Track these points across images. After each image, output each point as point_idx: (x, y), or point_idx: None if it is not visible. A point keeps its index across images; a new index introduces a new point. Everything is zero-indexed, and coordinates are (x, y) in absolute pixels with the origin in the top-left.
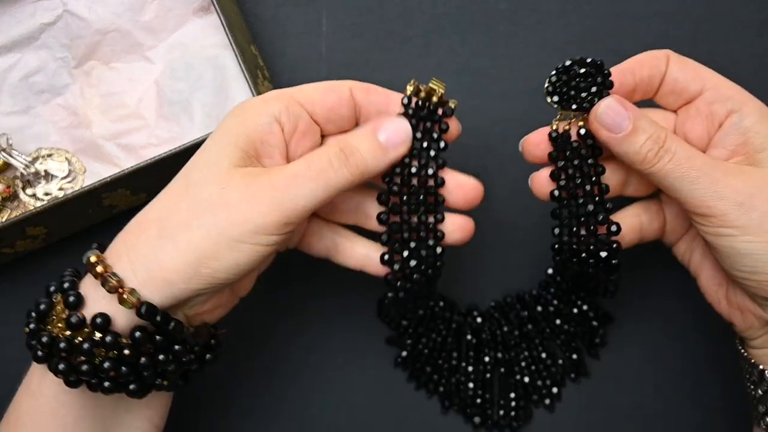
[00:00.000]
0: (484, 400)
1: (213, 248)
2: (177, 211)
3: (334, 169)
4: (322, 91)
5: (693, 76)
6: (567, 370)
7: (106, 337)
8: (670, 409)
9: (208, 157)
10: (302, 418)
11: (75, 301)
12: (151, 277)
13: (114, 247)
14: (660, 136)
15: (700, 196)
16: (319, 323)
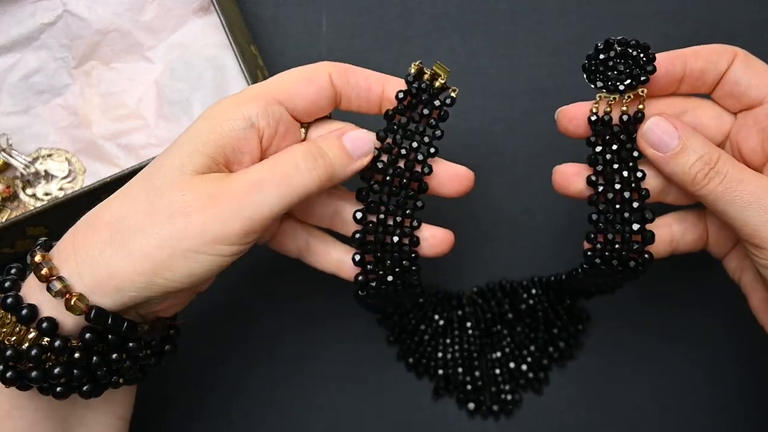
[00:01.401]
0: (475, 385)
1: (168, 259)
2: (133, 215)
3: (301, 173)
4: (302, 83)
5: (757, 82)
6: (552, 355)
7: (55, 341)
8: (658, 389)
9: (172, 162)
10: (291, 407)
11: (13, 303)
12: (100, 283)
13: (62, 246)
14: (712, 157)
15: (753, 224)
16: (309, 315)
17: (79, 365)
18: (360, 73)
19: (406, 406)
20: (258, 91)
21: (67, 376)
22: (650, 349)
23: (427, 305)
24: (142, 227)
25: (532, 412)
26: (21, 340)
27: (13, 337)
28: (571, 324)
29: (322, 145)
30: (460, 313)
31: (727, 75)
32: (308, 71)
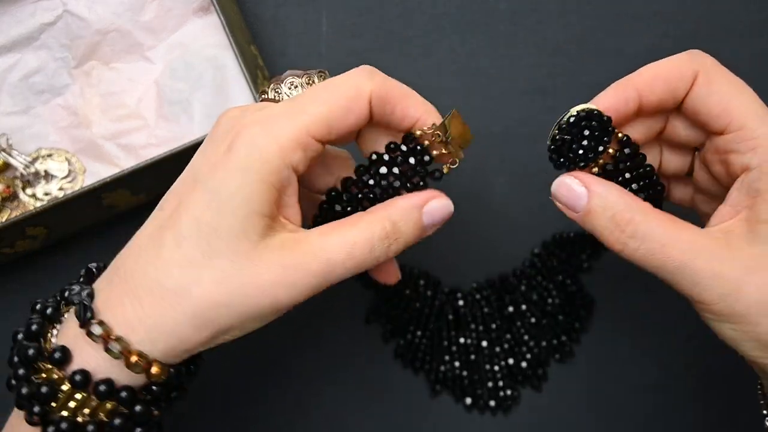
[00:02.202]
0: (472, 380)
1: (238, 325)
2: (200, 284)
3: (374, 257)
4: (341, 114)
5: (717, 114)
6: (551, 351)
7: (135, 407)
8: (657, 386)
9: (233, 227)
10: (288, 405)
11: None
12: (174, 348)
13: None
14: (624, 218)
15: (682, 286)
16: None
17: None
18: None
19: (404, 403)
20: (296, 132)
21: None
22: (650, 347)
23: (424, 302)
24: (213, 299)
25: (530, 409)
26: (95, 412)
27: (86, 409)
28: (577, 307)
29: (399, 224)
30: (461, 309)
31: (686, 100)
32: (351, 99)
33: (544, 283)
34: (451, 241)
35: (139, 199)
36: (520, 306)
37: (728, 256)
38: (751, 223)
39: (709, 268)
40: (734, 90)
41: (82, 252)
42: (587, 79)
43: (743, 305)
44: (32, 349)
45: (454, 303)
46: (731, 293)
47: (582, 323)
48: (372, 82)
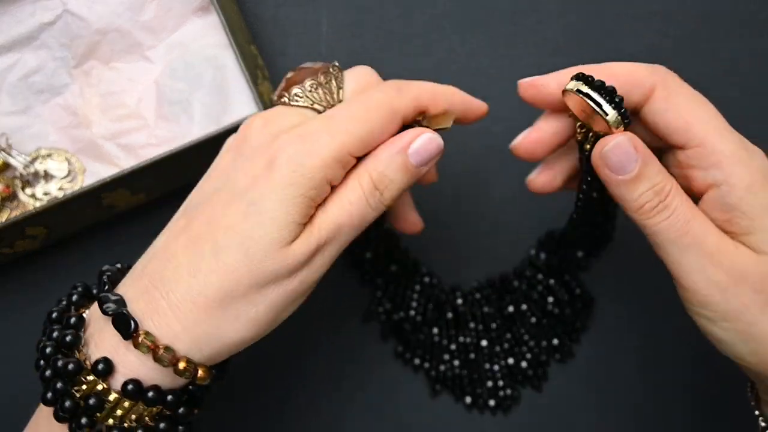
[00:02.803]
0: (471, 380)
1: (274, 317)
2: (238, 288)
3: (372, 208)
4: (378, 134)
5: (676, 128)
6: (551, 351)
7: (179, 409)
8: (658, 386)
9: (270, 235)
10: (288, 405)
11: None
12: (219, 353)
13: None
14: (664, 188)
15: (687, 269)
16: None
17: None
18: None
19: (404, 402)
20: (337, 150)
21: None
22: (650, 346)
23: (423, 300)
24: (251, 299)
25: (530, 409)
26: (141, 417)
27: (133, 415)
28: (578, 306)
29: (386, 172)
30: (461, 308)
31: (646, 112)
32: (386, 120)
33: (545, 281)
34: (450, 240)
35: (139, 199)
36: (521, 305)
37: (734, 254)
38: (736, 236)
39: (716, 254)
40: (693, 106)
41: (82, 252)
42: None
43: (738, 302)
44: (72, 364)
45: (454, 302)
46: (730, 288)
47: (582, 322)
48: (404, 101)
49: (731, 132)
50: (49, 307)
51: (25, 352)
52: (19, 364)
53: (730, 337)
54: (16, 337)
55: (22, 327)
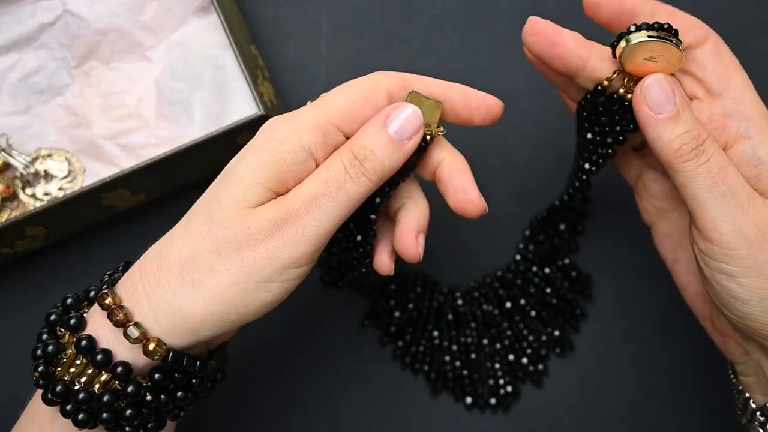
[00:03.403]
0: (472, 379)
1: (241, 294)
2: (200, 253)
3: (352, 179)
4: (360, 103)
5: (720, 74)
6: (551, 345)
7: (128, 387)
8: (658, 376)
9: (233, 195)
10: (288, 406)
11: (87, 346)
12: (175, 326)
13: (129, 287)
14: (701, 134)
15: (718, 217)
16: (299, 319)
17: (149, 406)
18: (418, 86)
19: (404, 403)
20: (315, 115)
21: (137, 418)
22: (650, 340)
23: (421, 304)
24: (211, 266)
25: (530, 406)
26: (91, 382)
27: (83, 377)
28: (575, 289)
29: (365, 143)
30: (461, 309)
31: (696, 52)
32: (367, 90)
33: (539, 273)
34: (447, 241)
35: (139, 199)
36: (519, 300)
37: (762, 208)
38: (763, 191)
39: (747, 205)
40: (737, 66)
41: (82, 252)
42: None
43: (764, 257)
44: (54, 315)
45: (453, 303)
46: (755, 242)
47: (581, 309)
48: (388, 77)
49: (760, 100)
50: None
51: (25, 352)
52: (19, 364)
53: (748, 293)
54: (16, 337)
55: (22, 327)
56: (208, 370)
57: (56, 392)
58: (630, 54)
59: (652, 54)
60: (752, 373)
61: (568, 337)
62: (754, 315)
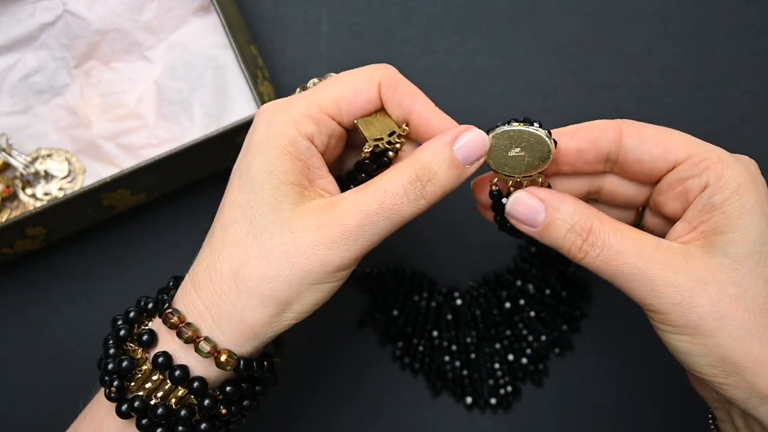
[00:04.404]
0: (472, 379)
1: (295, 296)
2: (249, 261)
3: (410, 201)
4: (351, 94)
5: (660, 152)
6: (551, 345)
7: (204, 401)
8: (657, 376)
9: (266, 200)
10: (289, 407)
11: (165, 362)
12: (240, 334)
13: (189, 304)
14: (584, 227)
15: (637, 294)
16: None
17: (221, 418)
18: (407, 92)
19: (404, 403)
20: (308, 107)
21: (211, 430)
22: (650, 340)
23: (420, 304)
24: (263, 272)
25: (530, 405)
26: (167, 396)
27: (159, 392)
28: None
29: (430, 164)
30: (460, 309)
31: (624, 154)
32: (359, 81)
33: (540, 274)
34: (448, 241)
35: (139, 199)
36: (518, 301)
37: (683, 266)
38: (707, 235)
39: (663, 276)
40: (665, 132)
41: (82, 252)
42: (587, 79)
43: (696, 315)
44: (123, 330)
45: (452, 303)
46: (684, 302)
47: (581, 310)
48: (382, 71)
49: (711, 144)
50: (49, 306)
51: (25, 352)
52: (20, 363)
53: (690, 349)
54: (16, 336)
55: (22, 327)
56: (274, 370)
57: (134, 407)
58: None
59: (513, 144)
60: (726, 419)
61: (567, 337)
62: (699, 367)
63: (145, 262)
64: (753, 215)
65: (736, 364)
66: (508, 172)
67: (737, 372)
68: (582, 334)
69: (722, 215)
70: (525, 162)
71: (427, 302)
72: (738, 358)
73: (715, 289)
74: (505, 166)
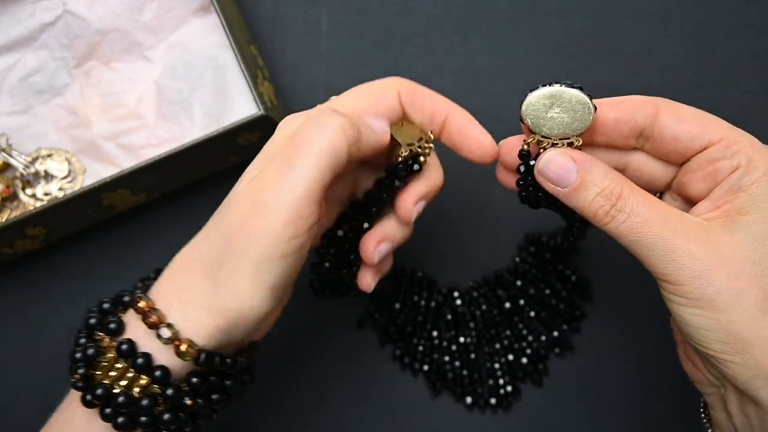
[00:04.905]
0: (472, 379)
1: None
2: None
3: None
4: (371, 101)
5: (695, 131)
6: (551, 345)
7: (167, 390)
8: (657, 376)
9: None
10: (289, 407)
11: (128, 350)
12: (206, 324)
13: (163, 291)
14: (614, 191)
15: (657, 263)
16: (300, 314)
17: (186, 410)
18: (427, 95)
19: (404, 403)
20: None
21: (175, 422)
22: (650, 340)
23: (420, 304)
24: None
25: (530, 405)
26: (131, 385)
27: (123, 381)
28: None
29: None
30: (459, 309)
31: (660, 131)
32: (378, 88)
33: (539, 275)
34: (448, 241)
35: (139, 199)
36: (518, 301)
37: (705, 240)
38: (731, 214)
39: (686, 246)
40: (700, 113)
41: (82, 252)
42: (587, 79)
43: (713, 289)
44: (93, 319)
45: (452, 303)
46: (702, 275)
47: (581, 310)
48: (401, 82)
49: (743, 131)
50: (49, 306)
51: (24, 352)
52: (20, 363)
53: (702, 323)
54: (16, 337)
55: (22, 327)
56: (239, 367)
57: (97, 395)
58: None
59: (554, 104)
60: (719, 407)
61: (567, 337)
62: (708, 342)
63: (145, 262)
64: None
65: (746, 341)
66: (546, 133)
67: (746, 350)
68: (582, 334)
69: (748, 197)
70: (564, 123)
71: (426, 302)
72: (748, 335)
73: (734, 266)
74: (543, 126)
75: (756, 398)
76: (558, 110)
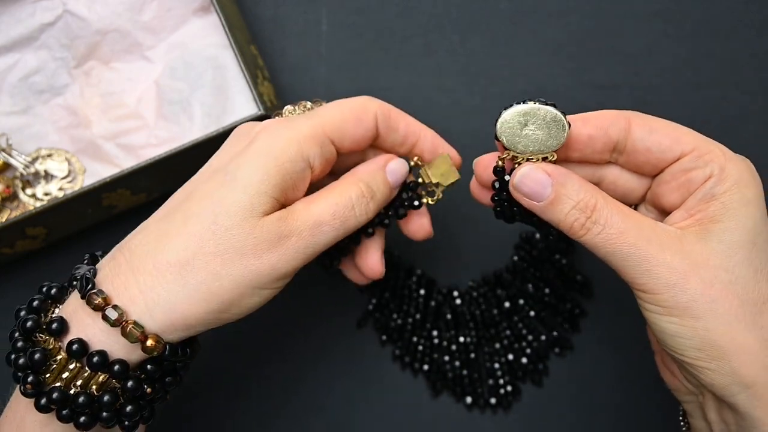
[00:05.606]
0: (472, 379)
1: (238, 298)
2: (202, 256)
3: (356, 215)
4: (353, 122)
5: (668, 143)
6: (551, 344)
7: (128, 382)
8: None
9: (240, 202)
10: (289, 407)
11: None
12: (173, 323)
13: (120, 285)
14: (588, 204)
15: (632, 273)
16: (300, 313)
17: (146, 398)
18: (401, 118)
19: (404, 403)
20: (314, 128)
21: (137, 412)
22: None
23: (419, 303)
24: (214, 270)
25: (530, 405)
26: (87, 384)
27: (78, 381)
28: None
29: (372, 185)
30: (459, 308)
31: (633, 144)
32: (358, 109)
33: (538, 273)
34: (448, 241)
35: (139, 199)
36: (518, 300)
37: (679, 248)
38: (704, 223)
39: (660, 256)
40: (670, 124)
41: (82, 252)
42: (587, 79)
43: (688, 297)
44: (30, 321)
45: (452, 302)
46: (677, 284)
47: (581, 308)
48: (375, 103)
49: (714, 141)
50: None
51: None
52: None
53: (678, 331)
54: None
55: None
56: (193, 355)
57: (53, 399)
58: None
59: (529, 122)
60: (697, 414)
61: (567, 336)
62: (684, 349)
63: None
64: (750, 207)
65: (722, 348)
66: (521, 150)
67: (721, 357)
68: (582, 333)
69: (721, 205)
70: (539, 140)
71: (426, 302)
72: (724, 343)
73: (709, 274)
74: (519, 144)
75: (733, 405)
76: (533, 127)
